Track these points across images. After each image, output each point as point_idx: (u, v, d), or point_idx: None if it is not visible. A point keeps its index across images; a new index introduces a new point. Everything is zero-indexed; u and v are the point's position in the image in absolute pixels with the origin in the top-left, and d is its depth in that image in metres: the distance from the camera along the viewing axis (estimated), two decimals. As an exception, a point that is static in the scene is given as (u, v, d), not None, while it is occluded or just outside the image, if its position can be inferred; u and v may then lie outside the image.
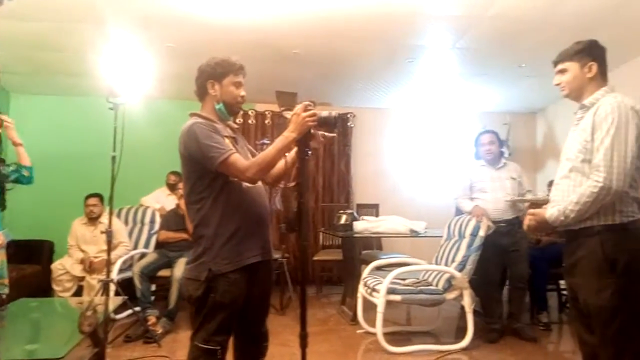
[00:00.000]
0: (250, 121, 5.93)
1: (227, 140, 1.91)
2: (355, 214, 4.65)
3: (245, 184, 1.91)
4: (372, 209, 5.74)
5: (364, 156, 6.23)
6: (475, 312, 3.69)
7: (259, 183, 2.01)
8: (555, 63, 2.09)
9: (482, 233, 3.47)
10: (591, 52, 2.00)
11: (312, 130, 1.87)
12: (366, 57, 4.83)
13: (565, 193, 1.94)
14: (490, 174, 3.92)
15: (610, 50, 2.11)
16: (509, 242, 3.76)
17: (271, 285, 2.14)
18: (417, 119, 6.43)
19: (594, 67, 1.99)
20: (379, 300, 3.30)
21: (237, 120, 5.85)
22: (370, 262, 4.54)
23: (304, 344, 1.84)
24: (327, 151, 6.05)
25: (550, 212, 1.94)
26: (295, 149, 1.94)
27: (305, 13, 3.80)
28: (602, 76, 2.01)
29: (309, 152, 1.92)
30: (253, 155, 2.05)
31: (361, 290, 3.68)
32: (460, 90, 5.89)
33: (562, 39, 2.13)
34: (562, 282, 4.45)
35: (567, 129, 5.93)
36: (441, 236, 3.98)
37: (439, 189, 6.09)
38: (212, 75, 1.97)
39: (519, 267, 3.84)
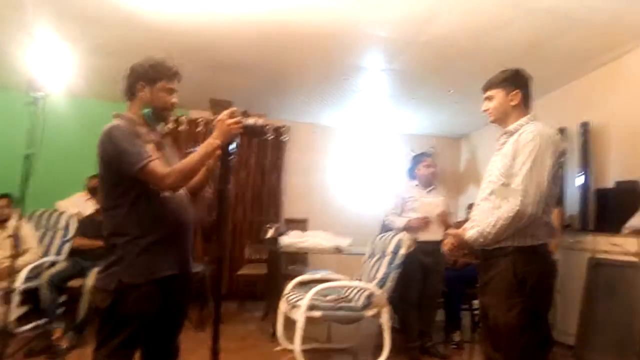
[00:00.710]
0: (181, 128, 5.77)
1: (149, 146, 1.83)
2: (282, 229, 4.63)
3: (165, 193, 1.83)
4: (301, 224, 5.75)
5: (296, 170, 6.24)
6: (393, 329, 3.77)
7: (182, 192, 1.95)
8: (484, 90, 2.20)
9: (402, 251, 3.55)
10: (516, 81, 2.13)
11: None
12: (303, 71, 4.88)
13: (485, 214, 2.03)
14: (422, 194, 4.05)
15: (535, 84, 2.24)
16: (432, 261, 3.88)
17: (188, 300, 2.06)
18: (350, 136, 6.55)
19: (518, 95, 2.11)
20: (299, 316, 3.27)
21: (168, 127, 5.68)
22: (295, 277, 4.53)
23: None
24: (258, 164, 6.00)
25: (470, 233, 2.03)
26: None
27: (244, 22, 3.79)
28: (525, 104, 2.14)
29: (233, 159, 1.89)
30: None
31: (282, 306, 3.64)
32: (390, 112, 6.07)
33: (490, 67, 2.24)
34: (475, 302, 4.65)
35: (490, 155, 6.23)
36: (362, 253, 4.05)
37: (367, 206, 6.19)
38: (144, 76, 1.89)
39: (437, 287, 3.99)
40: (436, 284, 3.99)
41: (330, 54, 4.43)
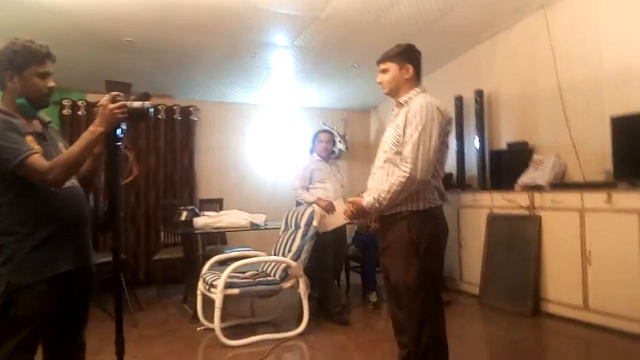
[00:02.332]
0: (80, 112, 5.42)
1: (28, 138, 1.72)
2: (196, 210, 4.57)
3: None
4: (216, 204, 5.69)
5: (208, 150, 6.11)
6: (313, 298, 3.90)
7: (73, 182, 1.85)
8: (378, 63, 2.29)
9: (315, 223, 3.66)
10: (409, 56, 2.24)
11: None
12: (209, 49, 4.76)
13: (379, 182, 2.14)
14: (326, 167, 4.23)
15: (426, 57, 2.37)
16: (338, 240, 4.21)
17: (90, 293, 1.98)
18: (262, 114, 6.50)
19: (411, 69, 2.22)
20: (217, 295, 3.29)
21: (65, 112, 5.33)
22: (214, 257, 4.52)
23: (120, 352, 1.75)
24: (168, 145, 5.81)
25: (367, 199, 2.13)
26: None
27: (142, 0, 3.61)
28: (416, 78, 2.25)
29: (121, 147, 1.82)
30: None
31: (200, 286, 3.63)
32: (301, 87, 6.11)
33: (390, 42, 2.33)
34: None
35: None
36: (278, 228, 4.13)
37: (281, 183, 6.25)
38: (9, 65, 1.73)
39: (340, 254, 4.32)
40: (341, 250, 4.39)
41: (234, 31, 4.37)
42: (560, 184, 3.95)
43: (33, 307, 1.67)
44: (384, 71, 2.26)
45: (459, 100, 5.06)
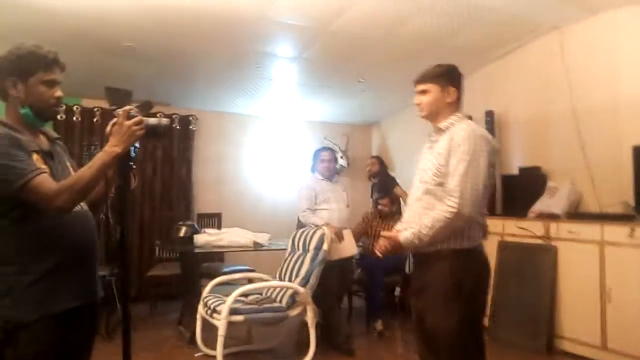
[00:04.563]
0: (75, 118, 5.20)
1: (35, 157, 1.53)
2: (195, 226, 4.37)
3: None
4: (214, 219, 5.48)
5: (207, 162, 5.89)
6: (317, 326, 3.71)
7: (82, 206, 1.66)
8: (417, 83, 2.12)
9: (325, 247, 3.48)
10: (452, 78, 2.08)
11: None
12: (211, 58, 4.59)
13: (419, 215, 1.97)
14: (330, 186, 4.08)
15: None
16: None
17: (95, 331, 1.79)
18: (263, 125, 6.32)
19: (454, 92, 2.06)
20: (221, 322, 3.08)
21: (59, 117, 5.09)
22: (212, 275, 4.29)
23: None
24: (165, 156, 5.59)
25: (405, 235, 1.96)
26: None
27: (144, 3, 3.43)
28: (458, 102, 2.09)
29: (133, 167, 1.65)
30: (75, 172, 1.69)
31: (201, 310, 3.42)
32: (304, 100, 5.96)
33: (398, 58, 2.18)
34: (396, 288, 4.74)
35: (399, 141, 6.37)
36: (285, 248, 3.93)
37: (282, 198, 6.06)
38: (13, 72, 1.55)
39: (346, 280, 4.10)
40: (345, 282, 4.17)
41: (239, 40, 4.21)
42: (578, 213, 3.83)
43: (33, 348, 1.47)
44: (423, 92, 2.08)
45: (468, 121, 4.93)
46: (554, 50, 4.23)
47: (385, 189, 5.19)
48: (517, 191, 4.38)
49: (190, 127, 5.76)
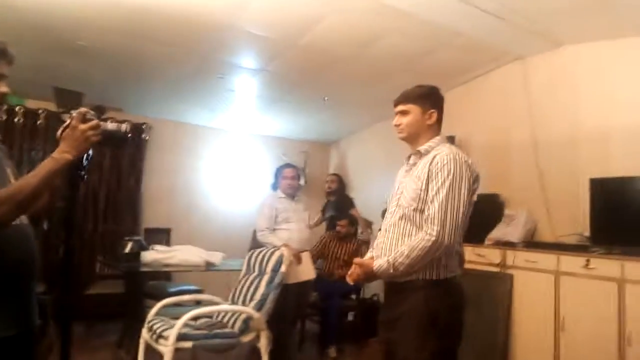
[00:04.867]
0: (17, 119, 4.80)
1: None
2: (142, 242, 4.08)
3: None
4: (164, 234, 5.19)
5: (157, 173, 5.59)
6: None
7: (22, 219, 1.45)
8: (397, 103, 2.03)
9: (283, 269, 3.32)
10: (433, 99, 2.00)
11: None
12: (171, 63, 4.37)
13: (394, 242, 1.86)
14: (291, 205, 3.90)
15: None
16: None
17: None
18: (220, 138, 6.11)
19: (434, 115, 1.98)
20: (167, 348, 2.84)
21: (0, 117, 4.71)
22: (157, 295, 4.01)
23: None
24: (113, 165, 5.26)
25: (379, 263, 1.84)
26: None
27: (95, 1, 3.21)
28: (438, 125, 2.01)
29: (84, 175, 1.46)
30: (16, 178, 1.48)
31: (145, 335, 3.15)
32: (263, 114, 5.81)
33: (365, 77, 2.09)
34: (349, 313, 4.62)
35: (358, 161, 6.30)
36: (237, 269, 3.73)
37: (236, 215, 5.84)
38: None
39: (302, 303, 3.92)
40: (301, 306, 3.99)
41: (203, 49, 4.04)
42: (535, 242, 3.86)
43: None
44: (404, 113, 2.00)
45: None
46: (516, 79, 4.31)
47: (341, 210, 5.11)
48: (475, 217, 4.36)
49: (143, 135, 5.47)
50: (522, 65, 4.28)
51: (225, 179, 6.04)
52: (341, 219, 4.72)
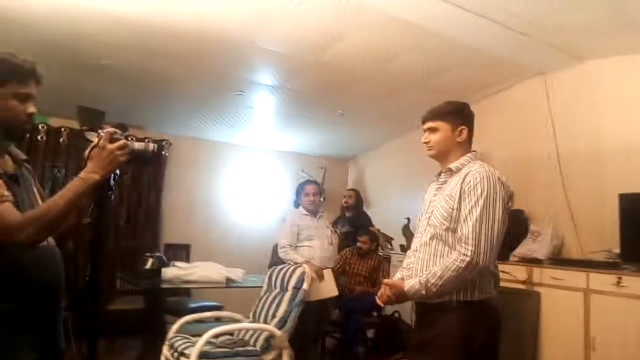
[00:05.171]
0: (39, 137, 4.88)
1: None
2: (163, 258, 4.08)
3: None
4: (183, 250, 5.19)
5: (177, 190, 5.61)
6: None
7: (50, 240, 1.44)
8: (425, 120, 1.99)
9: (305, 286, 3.27)
10: (464, 116, 1.96)
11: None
12: (189, 81, 4.41)
13: (425, 262, 1.82)
14: (314, 222, 3.87)
15: (418, 112, 2.10)
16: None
17: None
18: (238, 154, 6.13)
19: (465, 131, 1.94)
20: (189, 367, 2.81)
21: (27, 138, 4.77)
22: (178, 312, 4.00)
23: None
24: (134, 181, 5.30)
25: (411, 284, 1.79)
26: None
27: (120, 18, 3.25)
28: (469, 142, 1.97)
29: (112, 195, 1.46)
30: (43, 200, 1.47)
31: (166, 352, 3.12)
32: (281, 130, 5.82)
33: (381, 94, 2.06)
34: (369, 331, 4.54)
35: (376, 177, 6.26)
36: (258, 286, 3.70)
37: (255, 230, 5.82)
38: None
39: (323, 320, 3.87)
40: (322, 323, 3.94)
41: (223, 66, 4.08)
42: (562, 259, 3.76)
43: None
44: (432, 130, 1.96)
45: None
46: (538, 94, 4.25)
47: (358, 225, 5.06)
48: (499, 234, 4.30)
49: (163, 152, 5.51)
50: (544, 80, 4.23)
51: (244, 195, 6.04)
52: (362, 234, 4.66)
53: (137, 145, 1.48)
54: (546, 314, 3.62)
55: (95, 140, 1.39)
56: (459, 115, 1.95)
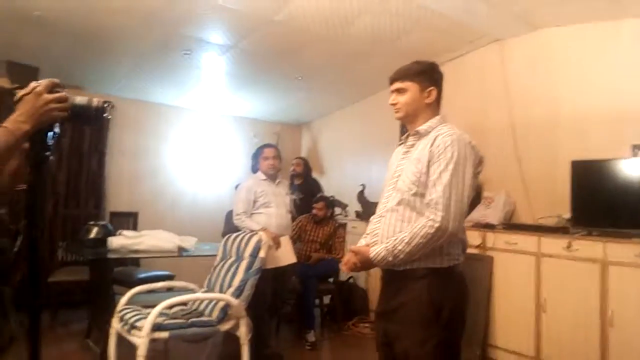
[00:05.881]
0: (-37, 96, 4.41)
1: None
2: (108, 226, 3.84)
3: None
4: (130, 218, 4.93)
5: (122, 155, 5.30)
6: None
7: None
8: (393, 80, 1.88)
9: (262, 254, 3.16)
10: (433, 77, 1.86)
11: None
12: (134, 38, 4.09)
13: (392, 228, 1.74)
14: (272, 188, 3.70)
15: (374, 77, 2.00)
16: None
17: None
18: (188, 118, 5.84)
19: (434, 92, 1.84)
20: (141, 340, 2.65)
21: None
22: (126, 282, 3.82)
23: None
24: (74, 146, 4.93)
25: (377, 250, 1.71)
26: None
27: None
28: (437, 103, 1.88)
29: (49, 155, 1.26)
30: None
31: (116, 325, 2.95)
32: (233, 94, 5.58)
33: (341, 57, 1.95)
34: (325, 297, 4.53)
35: (330, 144, 6.17)
36: (212, 255, 3.55)
37: (206, 198, 5.63)
38: None
39: (282, 289, 3.77)
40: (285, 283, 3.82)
41: (170, 22, 3.78)
42: (515, 224, 3.85)
43: None
44: (400, 91, 1.85)
45: (404, 127, 4.84)
46: (494, 62, 4.26)
47: (310, 193, 4.99)
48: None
49: (105, 115, 5.14)
50: (500, 47, 4.23)
51: (195, 161, 5.80)
52: (317, 201, 4.59)
53: (79, 100, 1.29)
54: (499, 277, 3.71)
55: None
56: (428, 75, 1.85)
